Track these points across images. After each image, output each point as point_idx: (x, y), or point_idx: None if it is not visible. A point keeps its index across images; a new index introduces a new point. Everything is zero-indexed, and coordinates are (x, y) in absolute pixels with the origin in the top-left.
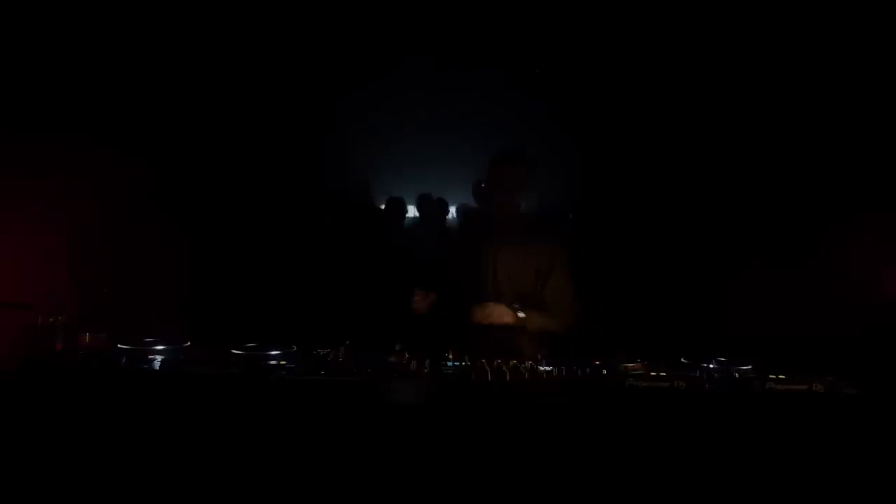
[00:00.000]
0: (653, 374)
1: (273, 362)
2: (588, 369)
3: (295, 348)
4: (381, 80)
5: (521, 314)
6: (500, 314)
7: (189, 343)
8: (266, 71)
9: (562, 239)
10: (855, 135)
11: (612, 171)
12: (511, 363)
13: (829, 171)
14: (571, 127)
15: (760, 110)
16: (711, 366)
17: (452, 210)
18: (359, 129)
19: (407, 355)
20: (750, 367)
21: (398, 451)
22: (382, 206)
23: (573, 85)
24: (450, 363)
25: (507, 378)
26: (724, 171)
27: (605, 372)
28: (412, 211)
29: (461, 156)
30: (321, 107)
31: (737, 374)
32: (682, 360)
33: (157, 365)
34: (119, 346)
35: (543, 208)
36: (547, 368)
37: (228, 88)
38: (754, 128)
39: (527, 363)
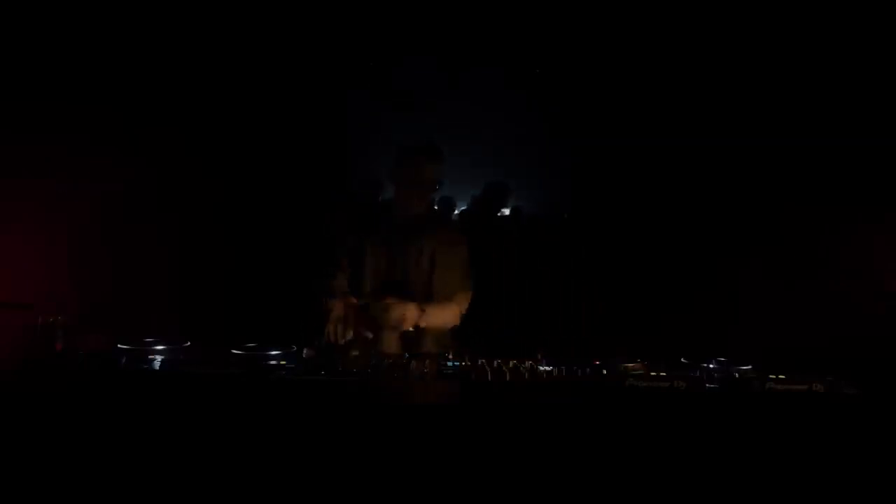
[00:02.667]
0: (653, 374)
1: (273, 362)
2: (588, 369)
3: (295, 348)
4: (382, 79)
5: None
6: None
7: (189, 343)
8: (268, 72)
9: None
10: (853, 135)
11: (613, 172)
12: (511, 363)
13: (828, 171)
14: (573, 127)
15: (760, 111)
16: (711, 366)
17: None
18: (360, 128)
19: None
20: (750, 367)
21: (398, 452)
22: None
23: (574, 85)
24: (450, 363)
25: (507, 378)
26: (724, 171)
27: (605, 372)
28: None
29: (463, 155)
30: (322, 107)
31: (737, 374)
32: (682, 360)
33: (157, 365)
34: (119, 346)
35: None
36: (547, 368)
37: (228, 89)
38: (753, 129)
39: (527, 363)
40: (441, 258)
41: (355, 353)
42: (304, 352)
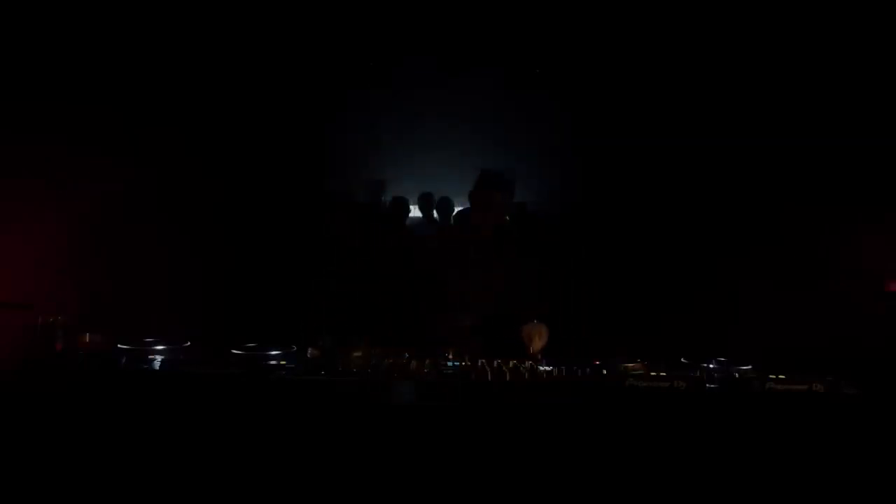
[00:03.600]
0: (653, 374)
1: (273, 362)
2: (588, 369)
3: (295, 348)
4: (382, 79)
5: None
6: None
7: (189, 343)
8: (268, 71)
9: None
10: (853, 135)
11: (613, 172)
12: (511, 363)
13: (828, 171)
14: (572, 127)
15: (760, 111)
16: (711, 366)
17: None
18: (360, 128)
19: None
20: (750, 367)
21: (398, 451)
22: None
23: (573, 85)
24: (450, 363)
25: (507, 378)
26: (724, 171)
27: (605, 372)
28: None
29: (463, 153)
30: (322, 107)
31: (737, 374)
32: (682, 360)
33: (157, 365)
34: (119, 346)
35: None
36: (547, 368)
37: (229, 89)
38: (753, 129)
39: (527, 363)
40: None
41: (357, 353)
42: (309, 352)
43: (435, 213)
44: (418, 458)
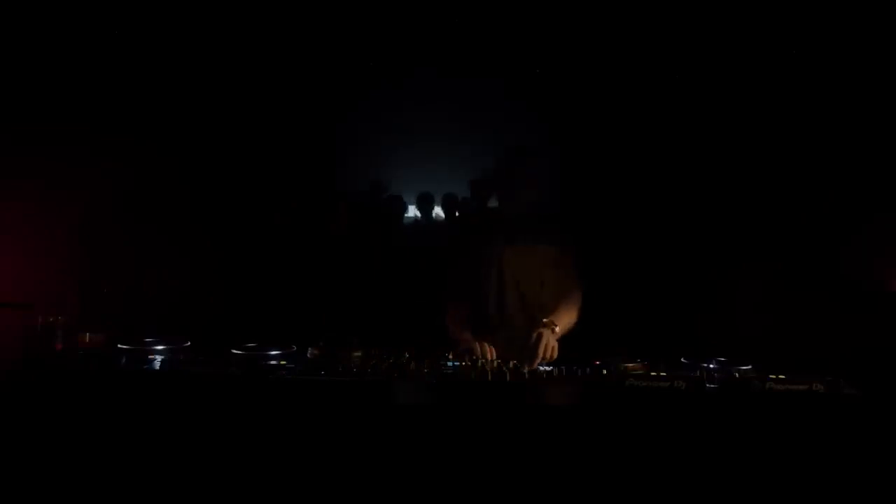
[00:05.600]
0: (653, 374)
1: (273, 362)
2: (588, 369)
3: (295, 348)
4: (381, 80)
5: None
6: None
7: (189, 343)
8: (267, 73)
9: (565, 236)
10: (854, 134)
11: (613, 170)
12: (511, 363)
13: (828, 170)
14: (571, 127)
15: (758, 111)
16: (711, 366)
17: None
18: (360, 129)
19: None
20: (750, 367)
21: (398, 451)
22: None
23: (573, 86)
24: (450, 363)
25: (507, 378)
26: (724, 171)
27: (605, 372)
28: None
29: (462, 153)
30: (322, 108)
31: (737, 374)
32: (682, 360)
33: (157, 365)
34: (119, 346)
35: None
36: (547, 368)
37: (229, 90)
38: (752, 129)
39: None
40: (553, 263)
41: (357, 353)
42: (309, 351)
43: (434, 214)
44: (418, 459)
